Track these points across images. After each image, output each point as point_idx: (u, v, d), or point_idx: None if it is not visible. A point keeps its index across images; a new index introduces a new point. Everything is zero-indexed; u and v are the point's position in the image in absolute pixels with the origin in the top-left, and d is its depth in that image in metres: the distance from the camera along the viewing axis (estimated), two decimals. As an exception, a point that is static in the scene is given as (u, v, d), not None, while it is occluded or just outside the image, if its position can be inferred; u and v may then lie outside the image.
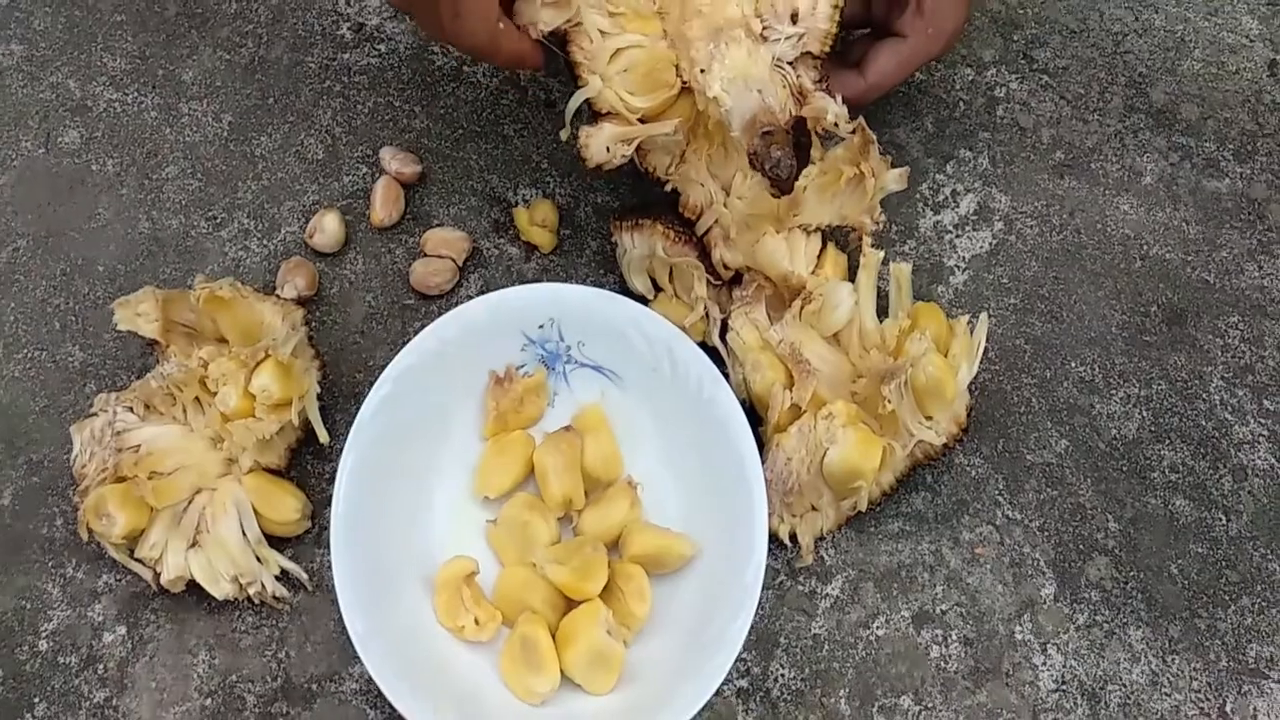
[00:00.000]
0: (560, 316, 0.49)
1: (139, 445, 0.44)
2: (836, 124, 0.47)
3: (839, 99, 0.47)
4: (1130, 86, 0.60)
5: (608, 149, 0.47)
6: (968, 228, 0.58)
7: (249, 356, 0.45)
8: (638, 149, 0.49)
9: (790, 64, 0.47)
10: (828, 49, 0.48)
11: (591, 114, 0.48)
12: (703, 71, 0.45)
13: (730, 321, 0.51)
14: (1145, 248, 0.57)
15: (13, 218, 0.52)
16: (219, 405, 0.44)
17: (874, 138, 0.50)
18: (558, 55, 0.48)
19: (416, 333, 0.46)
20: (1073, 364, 0.55)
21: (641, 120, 0.47)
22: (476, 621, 0.44)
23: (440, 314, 0.47)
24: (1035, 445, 0.53)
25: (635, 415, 0.50)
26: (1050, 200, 0.58)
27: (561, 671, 0.44)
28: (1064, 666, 0.49)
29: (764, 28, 0.47)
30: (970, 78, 0.60)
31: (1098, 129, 0.60)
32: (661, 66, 0.47)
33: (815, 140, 0.49)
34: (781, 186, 0.48)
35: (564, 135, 0.49)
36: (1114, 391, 0.55)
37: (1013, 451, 0.53)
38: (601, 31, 0.46)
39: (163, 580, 0.44)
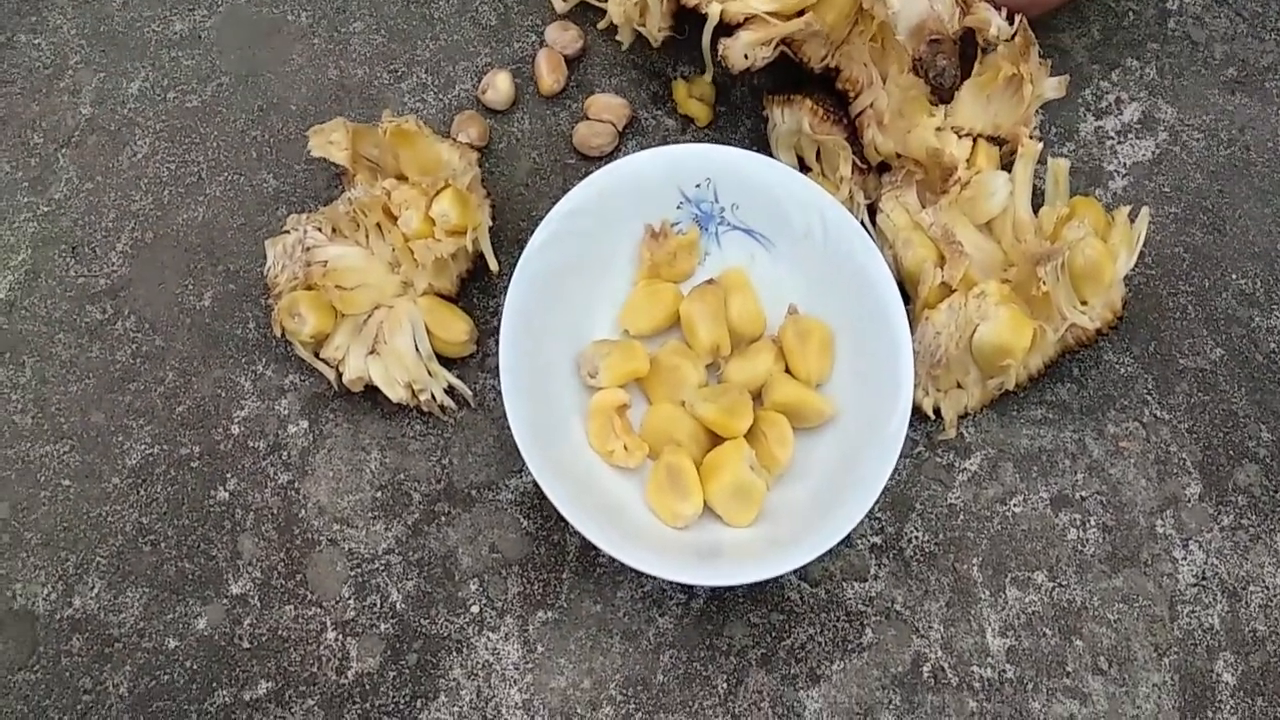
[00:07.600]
0: (717, 177, 0.50)
1: (326, 261, 0.48)
2: (998, 36, 0.47)
3: (1004, 12, 0.47)
4: (1313, 7, 0.58)
5: (746, 55, 0.48)
6: (1130, 135, 0.56)
7: (430, 185, 0.48)
8: (790, 43, 0.50)
9: None
10: None
11: (729, 29, 0.49)
12: None
13: (880, 204, 0.52)
14: (1319, 169, 0.55)
15: (218, 56, 0.57)
16: (401, 227, 0.47)
17: (1035, 40, 0.50)
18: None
19: (577, 188, 0.48)
20: (1233, 276, 0.53)
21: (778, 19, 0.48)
22: (625, 448, 0.46)
23: (601, 173, 0.48)
24: (1189, 350, 0.52)
25: (784, 280, 0.51)
26: (1219, 115, 0.57)
27: (704, 503, 0.46)
28: (1205, 563, 0.48)
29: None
30: (1142, -13, 0.59)
31: (1274, 48, 0.58)
32: None
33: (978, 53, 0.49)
34: (942, 95, 0.49)
35: (708, 76, 0.51)
36: (1275, 307, 0.53)
37: (1165, 354, 0.52)
38: None
39: (345, 379, 0.47)
